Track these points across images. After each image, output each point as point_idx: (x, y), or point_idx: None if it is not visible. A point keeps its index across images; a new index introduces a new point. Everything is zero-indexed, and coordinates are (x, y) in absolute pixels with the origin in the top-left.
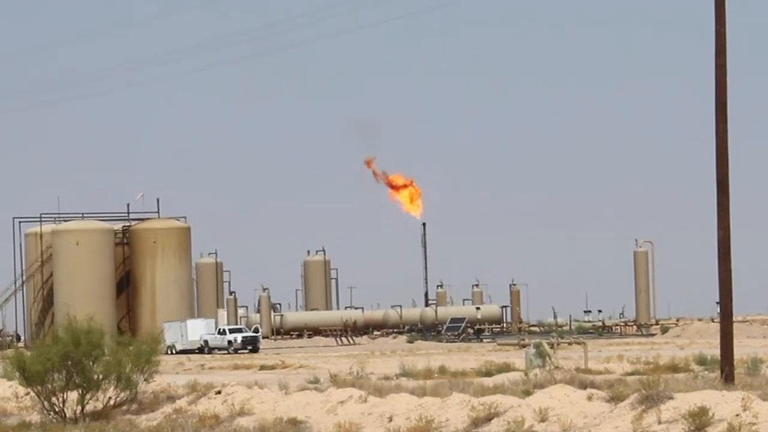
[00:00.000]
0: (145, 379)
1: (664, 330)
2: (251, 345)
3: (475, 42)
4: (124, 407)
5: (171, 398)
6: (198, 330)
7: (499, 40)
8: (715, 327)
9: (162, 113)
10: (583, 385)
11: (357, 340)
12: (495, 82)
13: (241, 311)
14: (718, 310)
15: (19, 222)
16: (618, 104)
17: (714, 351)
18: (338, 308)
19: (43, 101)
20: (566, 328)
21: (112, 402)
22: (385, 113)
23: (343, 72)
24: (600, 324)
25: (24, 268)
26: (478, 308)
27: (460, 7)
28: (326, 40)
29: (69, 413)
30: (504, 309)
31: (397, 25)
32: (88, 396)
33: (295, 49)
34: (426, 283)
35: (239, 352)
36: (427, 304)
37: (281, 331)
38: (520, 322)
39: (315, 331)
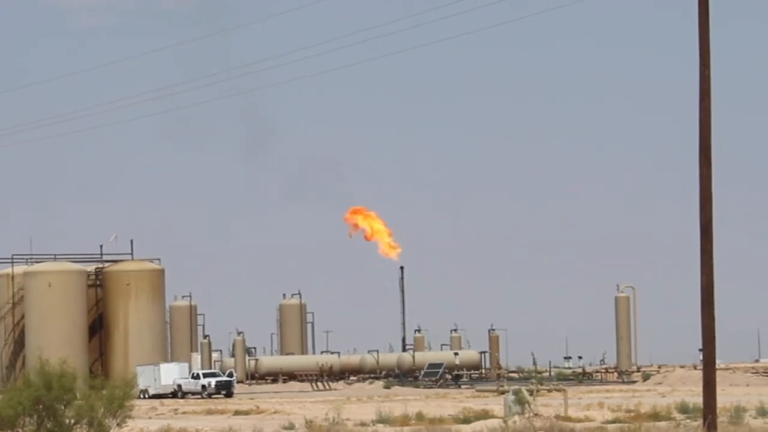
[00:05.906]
0: (117, 424)
1: (646, 377)
2: (225, 390)
3: (451, 83)
4: None
5: None
6: (171, 374)
7: (478, 82)
8: (698, 374)
9: (136, 154)
10: None
11: (333, 385)
12: (473, 126)
13: (215, 355)
14: (701, 357)
15: None
16: (599, 149)
17: (696, 399)
18: (314, 353)
19: (15, 140)
20: (546, 374)
21: None
22: (362, 160)
23: (313, 112)
24: (580, 370)
25: None
26: (456, 354)
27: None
28: (295, 82)
29: None
30: (483, 355)
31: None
32: None
33: (264, 92)
34: (404, 327)
35: (213, 396)
36: (404, 349)
37: (256, 376)
38: (499, 368)
39: (290, 375)
